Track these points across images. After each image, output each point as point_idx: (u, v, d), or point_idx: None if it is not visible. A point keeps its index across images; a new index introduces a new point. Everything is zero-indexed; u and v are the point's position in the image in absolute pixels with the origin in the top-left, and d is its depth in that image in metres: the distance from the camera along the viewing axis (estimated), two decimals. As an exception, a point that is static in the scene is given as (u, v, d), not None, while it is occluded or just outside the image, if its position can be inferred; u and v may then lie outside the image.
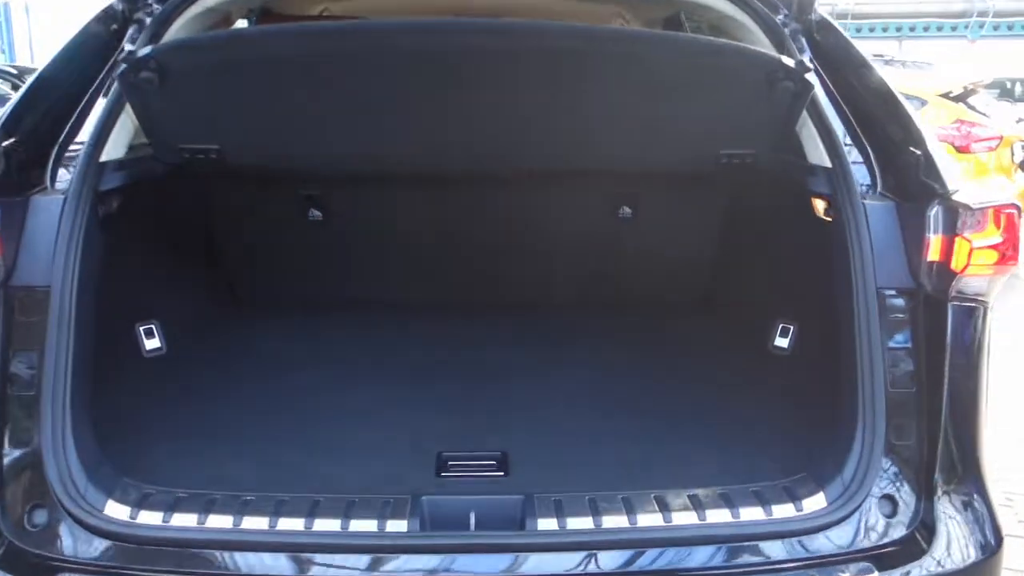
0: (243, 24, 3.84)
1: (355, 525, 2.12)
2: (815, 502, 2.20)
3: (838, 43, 2.75)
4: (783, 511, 2.18)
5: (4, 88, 13.62)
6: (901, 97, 2.51)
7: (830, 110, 2.64)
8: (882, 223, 2.39)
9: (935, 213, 2.28)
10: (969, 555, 2.21)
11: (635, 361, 3.15)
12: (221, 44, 2.51)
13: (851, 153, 2.56)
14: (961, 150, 8.18)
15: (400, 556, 2.09)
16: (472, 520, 2.17)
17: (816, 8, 2.75)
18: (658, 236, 3.58)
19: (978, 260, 2.22)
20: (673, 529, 2.13)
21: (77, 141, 2.58)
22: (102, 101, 2.62)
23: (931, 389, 2.27)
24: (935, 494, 2.23)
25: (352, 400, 2.84)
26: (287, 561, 2.08)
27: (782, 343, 3.11)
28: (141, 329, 3.07)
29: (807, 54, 2.66)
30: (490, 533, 2.14)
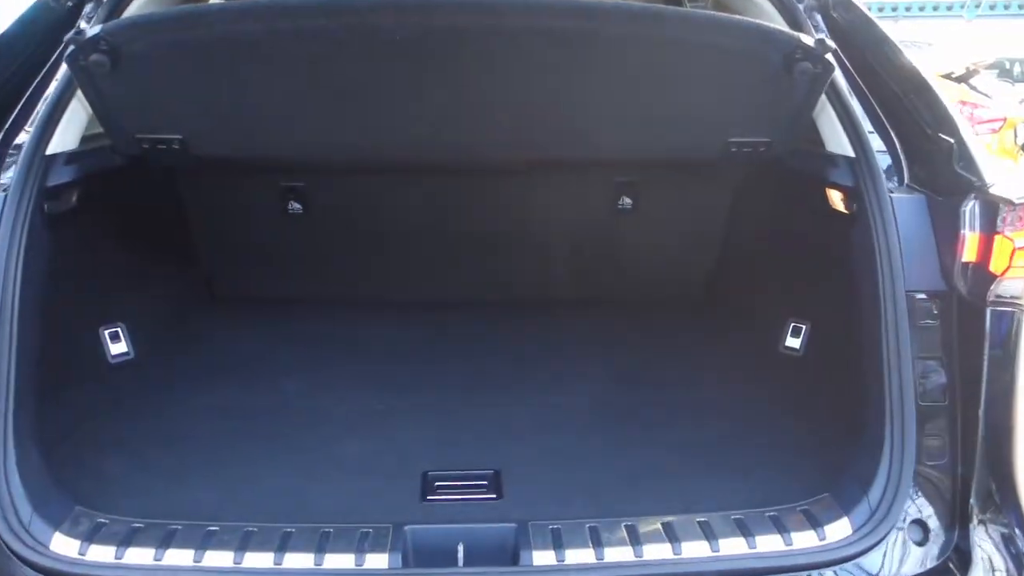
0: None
1: (330, 560, 1.91)
2: (839, 529, 2.00)
3: (858, 21, 2.52)
4: (804, 540, 1.97)
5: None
6: (930, 79, 2.29)
7: (850, 94, 2.42)
8: (911, 218, 2.18)
9: (971, 208, 2.06)
10: (1009, 586, 2.01)
11: (637, 366, 2.93)
12: (180, 22, 2.27)
13: (873, 141, 2.35)
14: (965, 132, 7.96)
15: None
16: (460, 553, 1.96)
17: None
18: (660, 229, 3.36)
19: (1021, 262, 2.00)
20: (683, 563, 1.92)
21: (27, 130, 2.35)
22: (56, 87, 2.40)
23: (966, 403, 2.07)
24: (970, 519, 2.03)
25: (334, 410, 2.63)
26: None
27: (793, 343, 2.91)
28: (106, 333, 2.85)
29: (824, 33, 2.43)
30: (480, 570, 1.93)
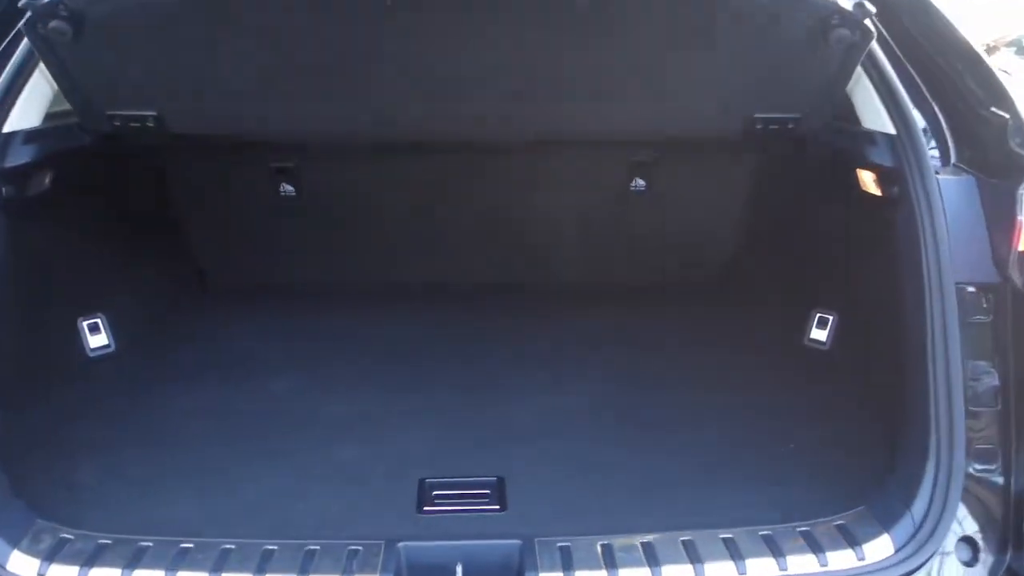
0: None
1: None
2: (880, 548, 1.81)
3: (898, -15, 2.30)
4: (841, 560, 1.79)
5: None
6: (979, 48, 2.07)
7: (889, 65, 2.20)
8: (959, 203, 2.00)
9: None
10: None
11: (649, 361, 2.73)
12: None
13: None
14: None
15: None
16: (459, 574, 1.77)
17: None
18: (675, 212, 3.16)
19: None
20: None
21: None
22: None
23: (1020, 408, 1.87)
24: (1025, 538, 1.84)
25: (326, 411, 2.45)
26: None
27: (819, 336, 2.71)
28: (85, 324, 2.67)
29: None
30: None
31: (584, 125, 2.50)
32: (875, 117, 2.16)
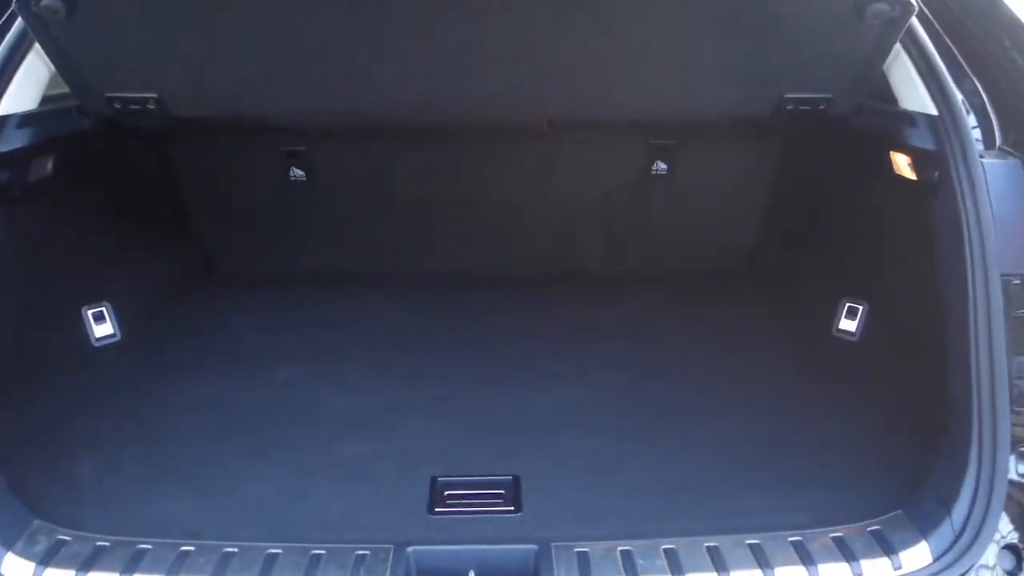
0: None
1: None
2: (917, 556, 1.70)
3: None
4: (876, 569, 1.68)
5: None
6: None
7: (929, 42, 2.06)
8: (1005, 188, 1.88)
9: None
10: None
11: (670, 352, 2.63)
12: None
13: None
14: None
15: None
16: (472, 581, 1.69)
17: None
18: (697, 197, 3.05)
19: None
20: None
21: None
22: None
23: None
24: (1074, 545, 1.72)
25: (334, 404, 2.37)
26: None
27: (848, 326, 2.59)
28: (89, 313, 2.61)
29: None
30: None
31: (603, 107, 2.39)
32: (914, 97, 2.03)
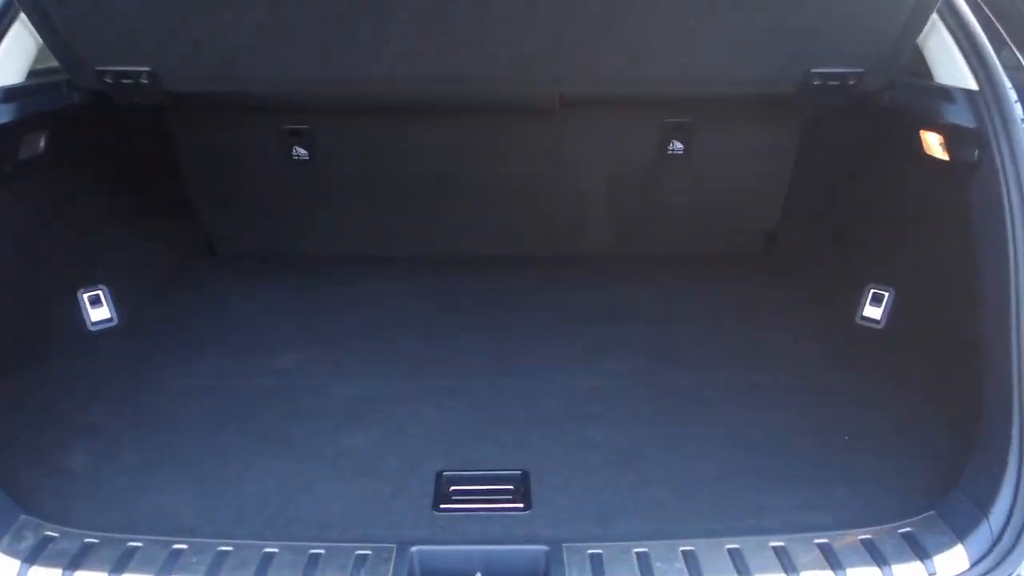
0: None
1: None
2: (952, 561, 1.60)
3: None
4: (908, 574, 1.57)
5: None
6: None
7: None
8: None
9: None
10: None
11: (686, 339, 2.53)
12: None
13: None
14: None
15: None
16: (479, 584, 1.60)
17: None
18: (715, 177, 2.95)
19: None
20: None
21: None
22: None
23: None
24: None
25: (336, 393, 2.28)
26: None
27: (873, 313, 2.48)
28: (85, 297, 2.52)
29: None
30: None
31: (619, 83, 2.27)
32: (952, 70, 1.91)
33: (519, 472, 1.90)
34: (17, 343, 2.22)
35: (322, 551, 1.63)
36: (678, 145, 2.86)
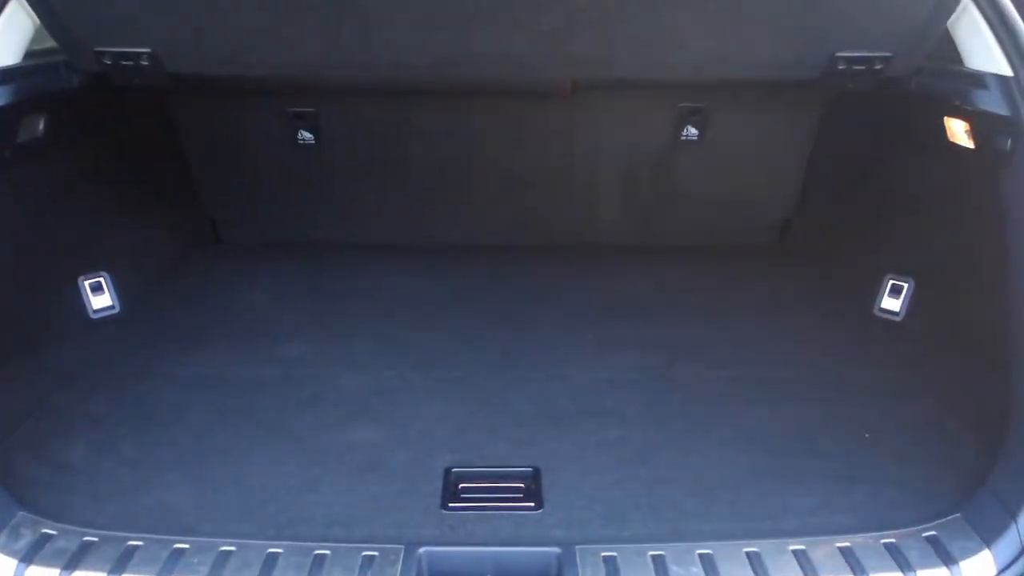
0: None
1: None
2: (979, 567, 1.54)
3: None
4: None
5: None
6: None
7: None
8: None
9: None
10: None
11: (700, 330, 2.47)
12: None
13: None
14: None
15: None
16: (489, 586, 1.55)
17: None
18: (730, 163, 2.88)
19: None
20: None
21: None
22: None
23: None
24: None
25: (342, 386, 2.23)
26: None
27: (892, 305, 2.42)
28: (87, 284, 2.47)
29: None
30: None
31: (635, 65, 2.19)
32: (985, 55, 1.83)
33: (530, 469, 1.85)
34: (16, 331, 2.17)
35: (328, 552, 1.58)
36: (692, 131, 2.79)
